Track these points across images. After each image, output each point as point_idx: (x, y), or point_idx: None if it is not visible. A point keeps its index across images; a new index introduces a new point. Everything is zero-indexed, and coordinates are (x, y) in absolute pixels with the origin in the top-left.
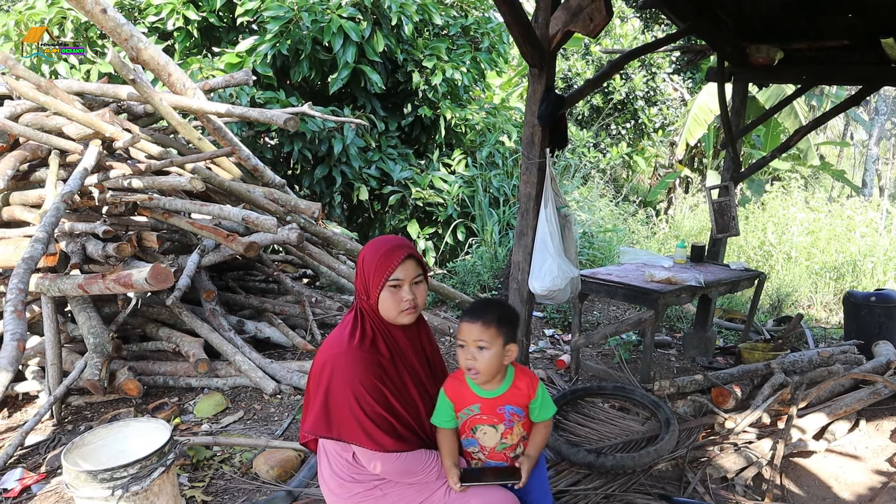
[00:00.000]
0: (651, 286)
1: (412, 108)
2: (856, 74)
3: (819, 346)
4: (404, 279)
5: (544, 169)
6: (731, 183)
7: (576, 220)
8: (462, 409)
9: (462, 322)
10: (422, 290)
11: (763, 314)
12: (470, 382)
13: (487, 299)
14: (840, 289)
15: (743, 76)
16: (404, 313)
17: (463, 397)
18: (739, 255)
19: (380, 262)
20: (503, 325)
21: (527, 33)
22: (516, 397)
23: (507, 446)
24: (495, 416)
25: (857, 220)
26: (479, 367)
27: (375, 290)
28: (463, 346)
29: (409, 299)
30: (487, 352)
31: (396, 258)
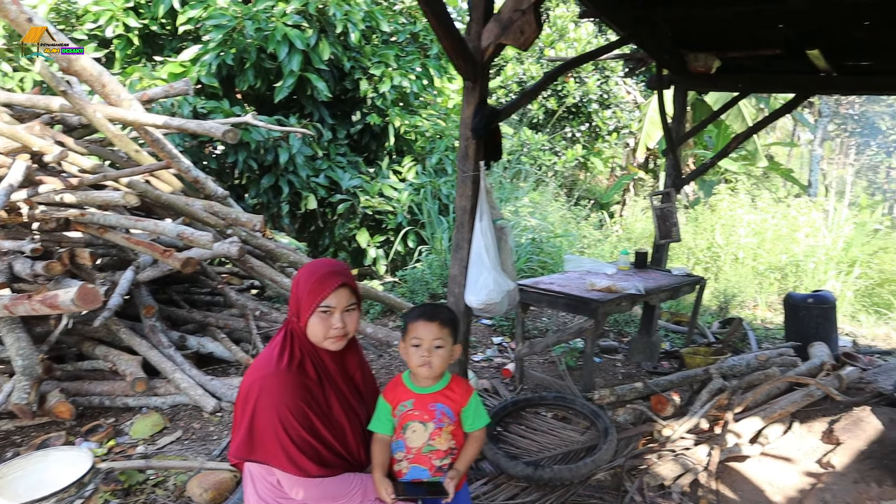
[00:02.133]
0: (591, 295)
1: (361, 116)
2: (790, 83)
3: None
4: (336, 307)
5: (479, 182)
6: (673, 189)
7: (513, 232)
8: (397, 407)
9: (417, 322)
10: (353, 319)
11: (710, 315)
12: (406, 381)
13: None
14: (784, 289)
15: (682, 84)
16: (331, 340)
17: (399, 395)
18: (689, 257)
19: (313, 287)
20: (453, 325)
21: (459, 46)
22: (449, 400)
23: (433, 449)
24: (426, 412)
25: (801, 220)
26: (435, 363)
27: (306, 313)
28: (418, 346)
29: (338, 327)
30: (443, 350)
31: (330, 285)
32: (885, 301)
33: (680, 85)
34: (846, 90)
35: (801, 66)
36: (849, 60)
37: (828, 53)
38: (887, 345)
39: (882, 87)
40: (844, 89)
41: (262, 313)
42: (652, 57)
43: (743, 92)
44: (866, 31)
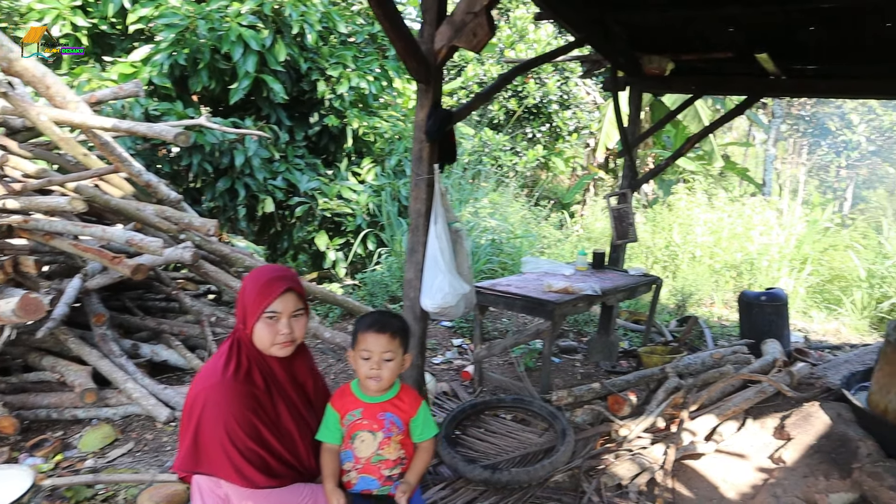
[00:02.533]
0: (548, 297)
1: (319, 118)
2: (741, 85)
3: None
4: (282, 312)
5: (433, 185)
6: (629, 190)
7: (472, 233)
8: (346, 416)
9: (367, 334)
10: (301, 324)
11: (668, 314)
12: (355, 390)
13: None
14: (739, 286)
15: (637, 86)
16: (278, 346)
17: (347, 404)
18: (648, 256)
19: (258, 293)
20: (404, 336)
21: (411, 49)
22: (398, 409)
23: (382, 459)
24: (375, 421)
25: (756, 219)
26: (384, 376)
27: (252, 319)
28: (368, 358)
29: (285, 333)
30: (392, 362)
31: (275, 290)
32: (835, 297)
33: (635, 86)
34: (794, 93)
35: (752, 69)
36: (796, 64)
37: (776, 57)
38: (837, 339)
39: (826, 90)
40: (792, 92)
41: (218, 319)
42: (607, 59)
43: (696, 94)
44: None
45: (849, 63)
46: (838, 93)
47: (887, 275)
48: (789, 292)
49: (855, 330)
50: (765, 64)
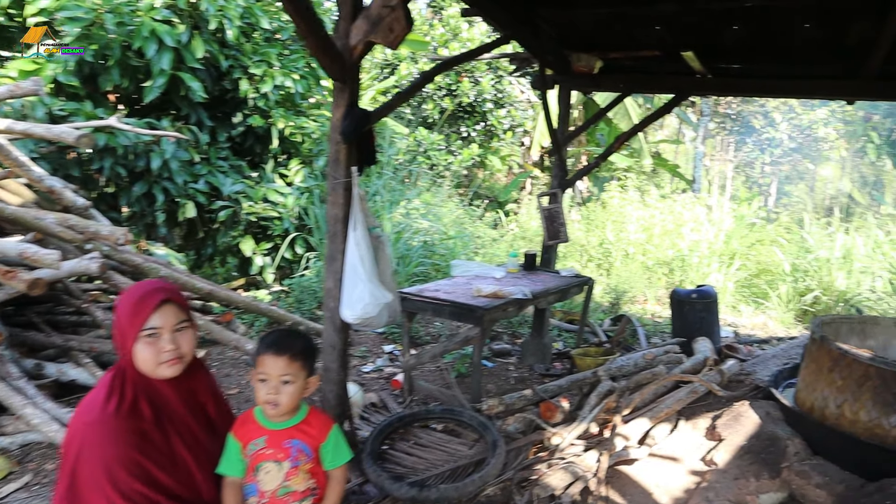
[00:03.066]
0: (476, 302)
1: (243, 118)
2: (668, 84)
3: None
4: (162, 327)
5: (351, 189)
6: (559, 190)
7: (404, 235)
8: (248, 445)
9: (265, 355)
10: (187, 338)
11: (602, 312)
12: (258, 416)
13: (288, 330)
14: (671, 283)
15: (566, 84)
16: (165, 366)
17: (249, 432)
18: (582, 254)
19: (132, 310)
20: (308, 357)
21: (324, 45)
22: (306, 435)
23: (289, 491)
24: (281, 450)
25: (687, 216)
26: (282, 401)
27: (130, 341)
28: (265, 381)
29: (169, 349)
30: (292, 386)
31: (150, 304)
32: (762, 291)
33: (564, 85)
34: (719, 91)
35: (679, 68)
36: (721, 63)
37: (702, 56)
38: (764, 333)
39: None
40: (718, 90)
41: None
42: (535, 57)
43: (624, 92)
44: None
45: (771, 63)
46: (761, 92)
47: (810, 268)
48: (719, 288)
49: (781, 323)
50: (691, 63)
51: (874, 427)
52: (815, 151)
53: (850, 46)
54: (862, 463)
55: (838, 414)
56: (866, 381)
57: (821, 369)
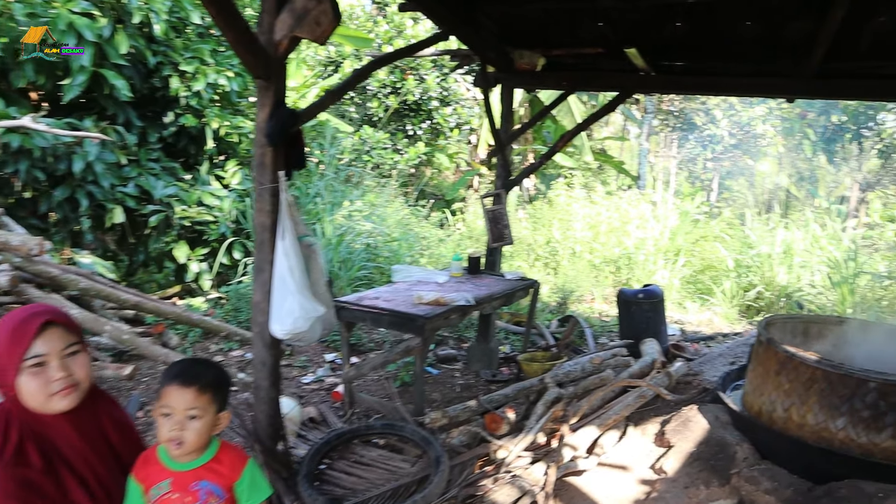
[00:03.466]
0: (417, 310)
1: (174, 117)
2: (611, 81)
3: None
4: (49, 353)
5: (278, 194)
6: (503, 190)
7: (346, 239)
8: (151, 489)
9: (169, 387)
10: (80, 363)
11: (550, 313)
12: (162, 455)
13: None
14: (618, 281)
15: (509, 82)
16: (57, 397)
17: (152, 474)
18: (529, 253)
19: (11, 339)
20: (218, 389)
21: (246, 40)
22: (216, 475)
23: None
24: (188, 493)
25: (632, 213)
26: (188, 439)
27: (11, 375)
28: (169, 415)
29: (60, 377)
30: (199, 421)
31: (30, 330)
32: (707, 287)
33: (506, 82)
34: (662, 89)
35: (623, 66)
36: (664, 60)
37: (645, 53)
38: (710, 329)
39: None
40: (661, 88)
41: None
42: (476, 54)
43: (567, 90)
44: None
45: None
46: (704, 89)
47: (752, 264)
48: (665, 285)
49: (726, 318)
50: (634, 59)
51: (821, 430)
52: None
53: (791, 45)
54: (810, 467)
55: (786, 418)
56: (813, 384)
57: (768, 372)
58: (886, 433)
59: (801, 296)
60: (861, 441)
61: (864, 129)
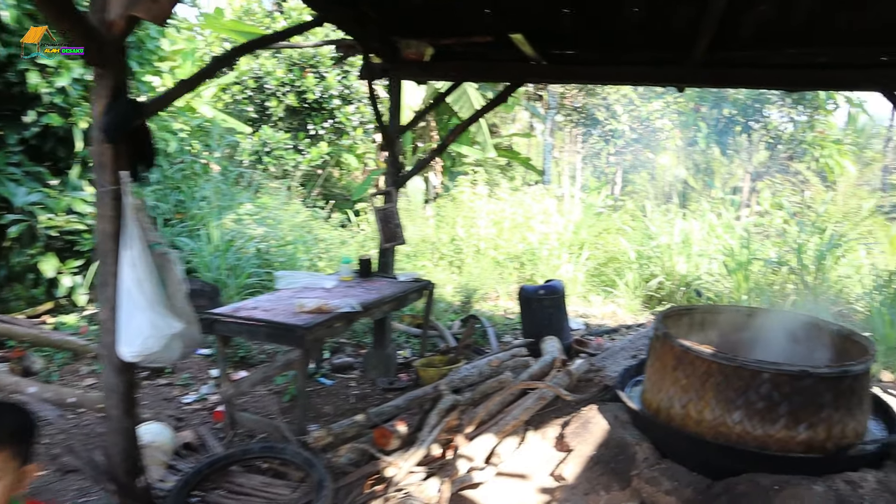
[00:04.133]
0: (296, 320)
1: (37, 117)
2: (503, 72)
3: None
4: None
5: (121, 198)
6: (394, 188)
7: (178, 259)
8: None
9: None
10: None
11: (454, 313)
12: None
13: None
14: (522, 278)
15: (396, 73)
16: None
17: None
18: (433, 252)
19: None
20: (20, 441)
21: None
22: None
23: None
24: None
25: (537, 208)
26: None
27: None
28: None
29: None
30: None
31: None
32: (611, 279)
33: (393, 74)
34: (555, 79)
35: (514, 55)
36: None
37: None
38: (614, 322)
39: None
40: (554, 78)
41: None
42: (359, 43)
43: (456, 80)
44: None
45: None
46: (595, 79)
47: (653, 255)
48: (569, 279)
49: (629, 310)
50: (522, 47)
51: (718, 426)
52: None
53: (677, 33)
54: (709, 463)
55: (684, 414)
56: (709, 378)
57: (665, 367)
58: (780, 423)
59: (699, 284)
60: (757, 433)
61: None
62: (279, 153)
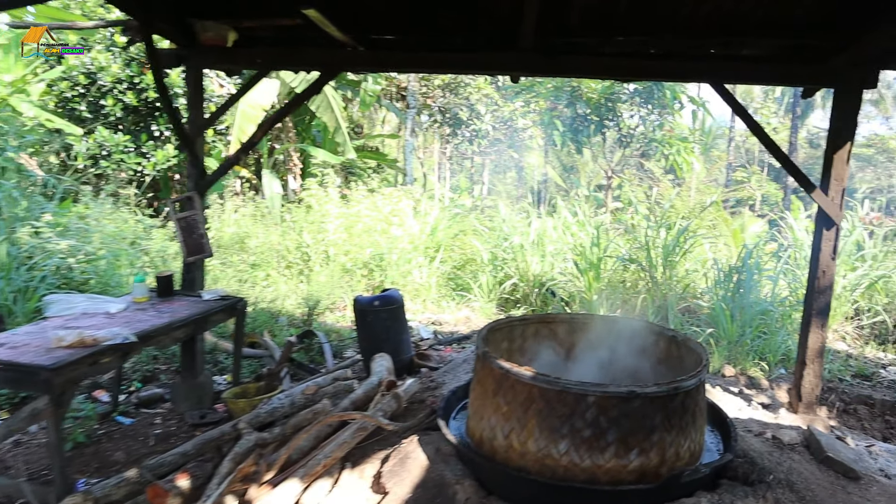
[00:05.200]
0: (43, 360)
1: None
2: (314, 58)
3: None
4: None
5: None
6: (195, 193)
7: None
8: None
9: None
10: None
11: (296, 327)
12: None
13: None
14: (371, 285)
15: (194, 60)
16: None
17: None
18: (279, 261)
19: None
20: None
21: None
22: None
23: None
24: None
25: (388, 210)
26: None
27: None
28: None
29: None
30: None
31: None
32: (466, 283)
33: (191, 61)
34: (372, 66)
35: (327, 40)
36: (373, 34)
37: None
38: (467, 327)
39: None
40: (370, 65)
41: None
42: (145, 25)
43: (263, 69)
44: None
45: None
46: (416, 66)
47: (507, 256)
48: (422, 283)
49: (483, 314)
50: (325, 28)
51: (544, 458)
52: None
53: (503, 17)
54: (536, 500)
55: (507, 445)
56: (531, 404)
57: (486, 393)
58: (609, 452)
59: (554, 284)
60: (585, 465)
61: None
62: (119, 157)
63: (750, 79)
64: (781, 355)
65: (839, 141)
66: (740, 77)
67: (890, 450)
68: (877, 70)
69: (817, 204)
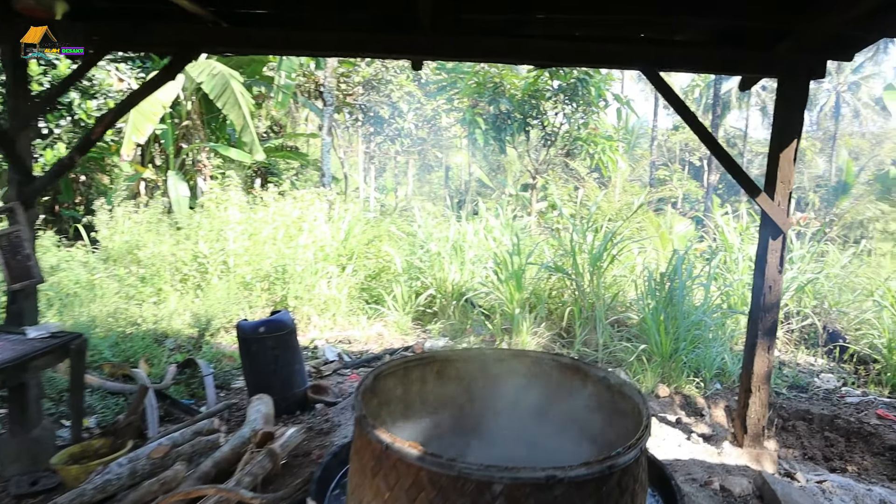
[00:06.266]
0: None
1: None
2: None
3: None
4: None
5: None
6: (18, 203)
7: None
8: None
9: None
10: None
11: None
12: None
13: None
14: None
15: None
16: None
17: None
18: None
19: None
20: None
21: None
22: None
23: None
24: None
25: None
26: None
27: None
28: None
29: None
30: None
31: None
32: (380, 295)
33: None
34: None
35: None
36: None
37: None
38: (380, 346)
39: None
40: (236, 45)
41: None
42: None
43: (99, 50)
44: None
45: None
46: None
47: (422, 266)
48: (330, 296)
49: (398, 330)
50: None
51: None
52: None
53: None
54: None
55: None
56: (419, 492)
57: (364, 470)
58: None
59: (474, 295)
60: None
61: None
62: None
63: (686, 65)
64: (717, 369)
65: (785, 138)
66: (675, 63)
67: (843, 485)
68: (824, 59)
69: (762, 209)
